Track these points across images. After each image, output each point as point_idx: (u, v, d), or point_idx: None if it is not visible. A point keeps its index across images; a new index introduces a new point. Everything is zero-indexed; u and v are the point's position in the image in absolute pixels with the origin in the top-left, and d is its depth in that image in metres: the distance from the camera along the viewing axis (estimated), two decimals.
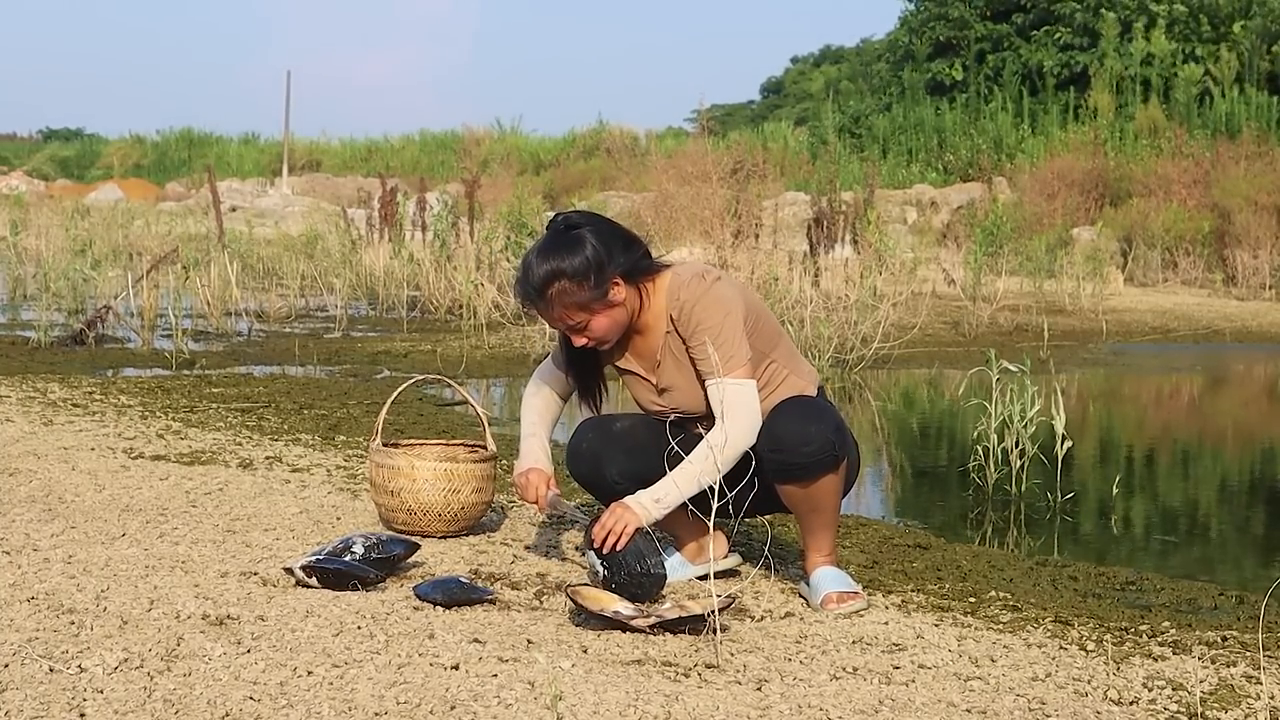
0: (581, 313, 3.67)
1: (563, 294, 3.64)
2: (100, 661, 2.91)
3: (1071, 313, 15.26)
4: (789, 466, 3.64)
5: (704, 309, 3.65)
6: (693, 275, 3.72)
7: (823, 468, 3.66)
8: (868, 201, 15.60)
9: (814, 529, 3.77)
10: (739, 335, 3.64)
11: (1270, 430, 9.03)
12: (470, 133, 41.25)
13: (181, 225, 22.76)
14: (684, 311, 3.67)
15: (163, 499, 4.75)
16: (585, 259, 3.63)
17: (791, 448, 3.62)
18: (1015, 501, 5.77)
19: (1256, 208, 20.30)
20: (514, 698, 2.79)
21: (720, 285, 3.69)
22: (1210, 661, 3.33)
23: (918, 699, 2.95)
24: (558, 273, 3.63)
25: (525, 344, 10.69)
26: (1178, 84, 30.77)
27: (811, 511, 3.74)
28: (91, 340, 10.07)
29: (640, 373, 3.87)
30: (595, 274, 3.63)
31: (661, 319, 3.76)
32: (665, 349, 3.77)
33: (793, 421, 3.65)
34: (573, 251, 3.63)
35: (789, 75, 57.35)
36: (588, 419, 4.03)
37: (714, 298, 3.66)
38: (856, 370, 10.22)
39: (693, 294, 3.67)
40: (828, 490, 3.70)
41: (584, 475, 3.99)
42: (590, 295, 3.64)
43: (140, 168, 47.85)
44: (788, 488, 3.70)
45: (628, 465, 3.87)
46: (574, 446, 3.98)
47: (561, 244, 3.66)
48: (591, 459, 3.94)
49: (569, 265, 3.62)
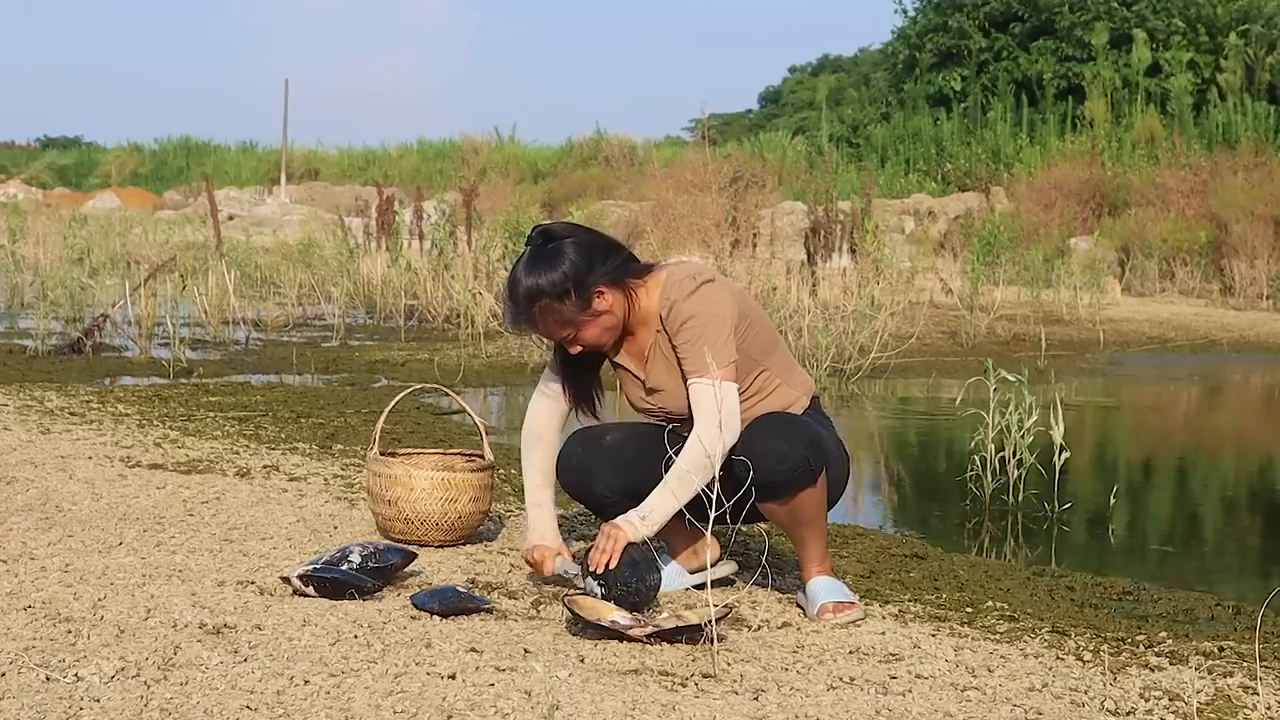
0: (568, 327, 3.68)
1: (546, 311, 3.65)
2: (97, 670, 2.91)
3: (1069, 323, 15.28)
4: (766, 485, 3.64)
5: (690, 307, 3.65)
6: (684, 275, 3.72)
7: (800, 483, 3.65)
8: (865, 211, 15.61)
9: (803, 541, 3.77)
10: (723, 337, 3.63)
11: (1267, 440, 9.03)
12: (468, 142, 41.26)
13: (179, 234, 22.75)
14: (671, 310, 3.67)
15: (160, 508, 4.75)
16: (564, 274, 3.62)
17: (766, 466, 3.61)
18: (1012, 512, 5.77)
19: (1254, 218, 20.32)
20: (511, 707, 2.79)
21: (711, 286, 3.69)
22: (1207, 672, 3.33)
23: (914, 709, 2.95)
24: (538, 292, 3.63)
25: (523, 353, 10.69)
26: (1175, 94, 30.81)
27: (797, 525, 3.74)
28: (89, 349, 10.06)
29: (632, 370, 3.87)
30: (576, 288, 3.63)
31: (653, 318, 3.76)
32: (654, 348, 3.78)
33: (766, 440, 3.64)
34: (552, 267, 3.63)
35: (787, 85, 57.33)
36: (579, 431, 4.02)
37: (702, 297, 3.66)
38: (854, 380, 10.23)
39: (681, 292, 3.67)
40: (809, 504, 3.70)
41: (573, 488, 3.99)
42: (574, 309, 3.64)
43: (138, 176, 47.84)
44: (769, 505, 3.70)
45: (616, 481, 3.87)
46: (564, 459, 3.96)
47: (540, 260, 3.66)
48: (580, 473, 3.93)
49: (548, 283, 3.62)
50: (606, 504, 3.85)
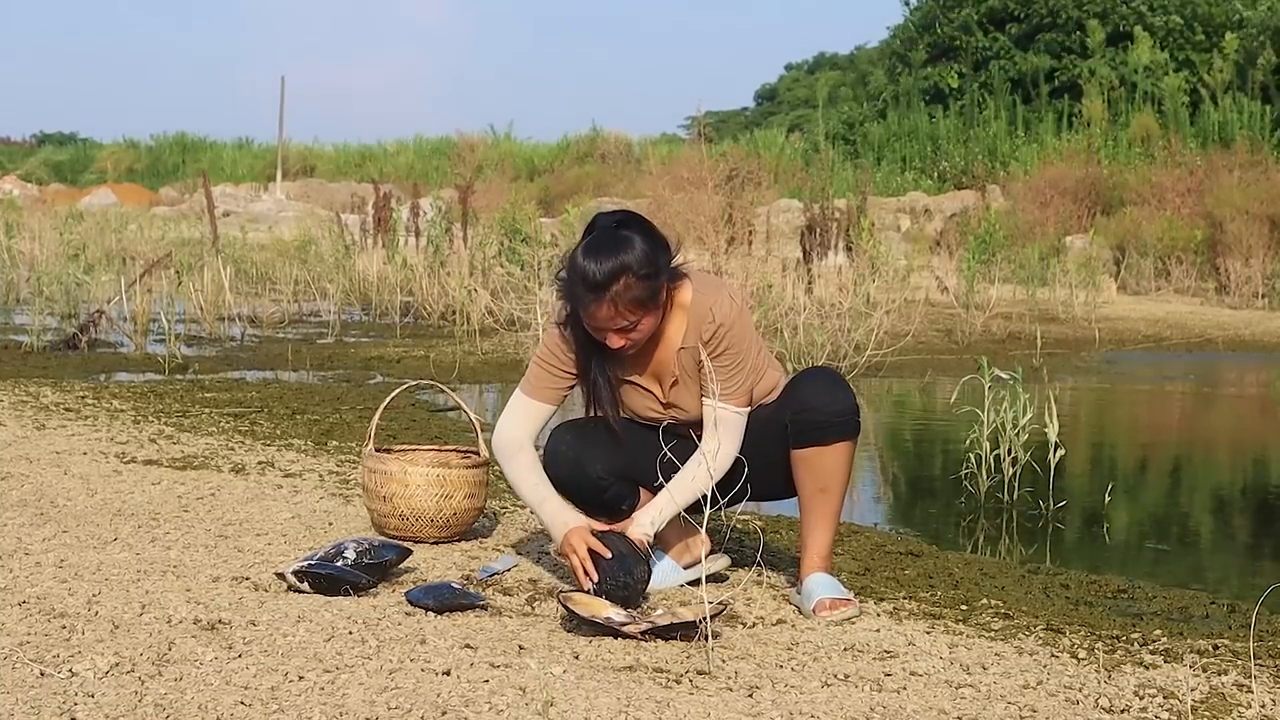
0: (637, 311, 3.61)
1: (626, 290, 3.57)
2: (91, 666, 2.91)
3: (1064, 321, 15.29)
4: (813, 426, 3.70)
5: (737, 335, 3.71)
6: (718, 293, 3.73)
7: (842, 432, 3.72)
8: (861, 209, 15.62)
9: (816, 519, 3.78)
10: (755, 368, 3.75)
11: (1262, 439, 9.04)
12: (464, 139, 41.25)
13: (175, 230, 22.75)
14: (718, 332, 3.69)
15: (155, 503, 4.75)
16: (645, 254, 3.59)
17: (819, 406, 3.70)
18: (1007, 509, 5.77)
19: (1249, 217, 20.35)
20: (505, 703, 2.79)
21: (746, 310, 3.76)
22: (1201, 670, 3.33)
23: (909, 706, 2.95)
24: (624, 268, 3.56)
25: (518, 350, 10.69)
26: (1171, 93, 30.84)
27: (819, 492, 3.76)
28: (84, 345, 10.06)
29: (645, 385, 3.85)
30: (655, 272, 3.61)
31: (677, 333, 3.75)
32: (680, 366, 3.78)
33: (820, 385, 3.76)
34: (631, 247, 3.59)
35: (783, 82, 57.37)
36: (560, 425, 4.01)
37: (746, 324, 3.74)
38: (849, 377, 10.22)
39: (727, 316, 3.70)
40: (839, 463, 3.74)
41: (566, 476, 3.92)
42: (649, 292, 3.60)
43: (134, 172, 47.80)
44: (806, 451, 3.73)
45: (610, 462, 3.87)
46: (552, 450, 3.93)
47: (616, 241, 3.60)
48: (573, 460, 3.90)
49: (633, 260, 3.57)
50: (602, 485, 3.85)
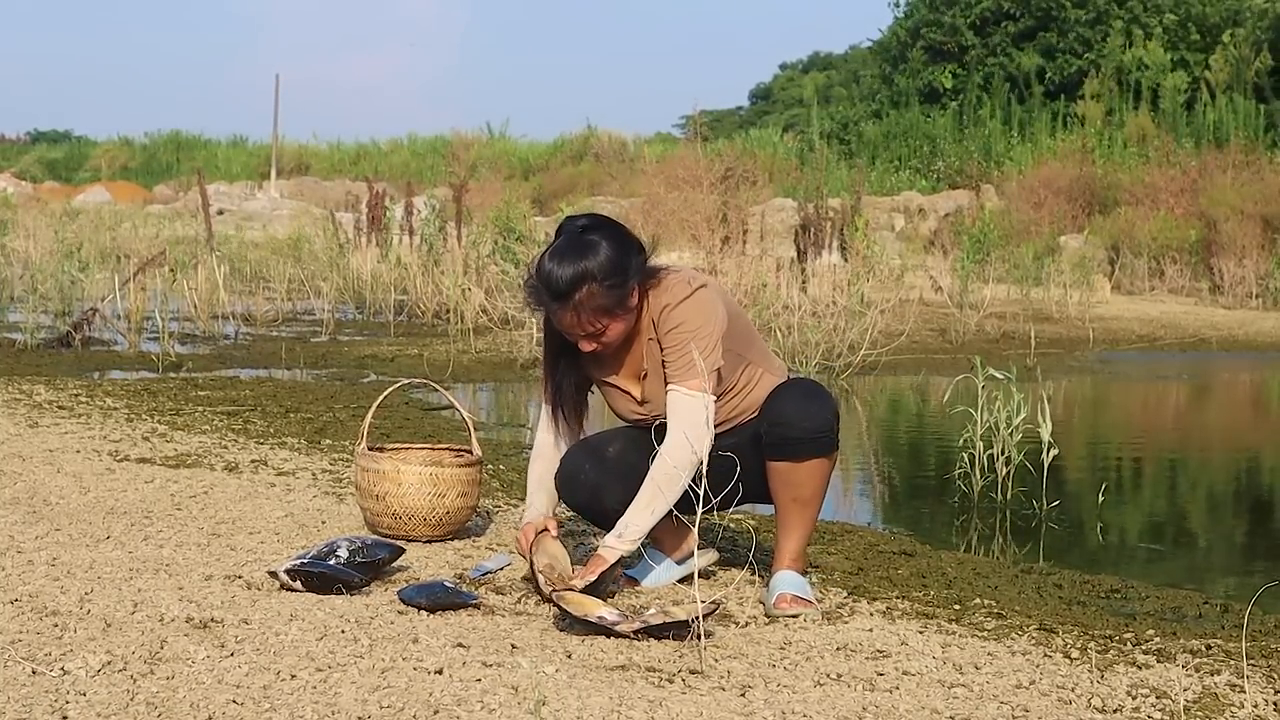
0: (604, 317, 3.61)
1: (590, 298, 3.57)
2: (83, 664, 2.90)
3: (1058, 320, 15.30)
4: (787, 440, 3.67)
5: (682, 313, 3.65)
6: (678, 280, 3.70)
7: (817, 448, 3.69)
8: (855, 208, 15.63)
9: (791, 524, 3.77)
10: (710, 345, 3.63)
11: (1255, 438, 9.05)
12: (459, 137, 41.23)
13: (169, 228, 22.73)
14: (664, 313, 3.66)
15: (148, 502, 4.74)
16: (610, 260, 3.57)
17: (794, 421, 3.67)
18: (1001, 509, 5.77)
19: (1243, 217, 20.38)
20: (497, 702, 2.79)
21: (704, 291, 3.68)
22: (1194, 669, 3.34)
23: (901, 706, 2.95)
24: (586, 275, 3.55)
25: (512, 348, 10.69)
26: (1166, 92, 30.87)
27: (793, 501, 3.75)
28: (78, 342, 10.05)
29: (621, 386, 3.84)
30: (619, 278, 3.59)
31: (647, 327, 3.74)
32: (649, 358, 3.76)
33: (797, 399, 3.72)
34: (595, 253, 3.57)
35: (777, 81, 57.39)
36: (577, 446, 3.94)
37: (696, 302, 3.66)
38: (844, 377, 10.23)
39: (675, 297, 3.66)
40: (815, 476, 3.72)
41: (582, 504, 3.93)
42: (614, 299, 3.59)
43: (128, 170, 47.72)
44: (779, 464, 3.71)
45: (624, 494, 3.76)
46: (570, 475, 3.89)
47: (580, 247, 3.59)
48: (591, 490, 3.87)
49: (596, 267, 3.55)
50: (614, 516, 3.82)
